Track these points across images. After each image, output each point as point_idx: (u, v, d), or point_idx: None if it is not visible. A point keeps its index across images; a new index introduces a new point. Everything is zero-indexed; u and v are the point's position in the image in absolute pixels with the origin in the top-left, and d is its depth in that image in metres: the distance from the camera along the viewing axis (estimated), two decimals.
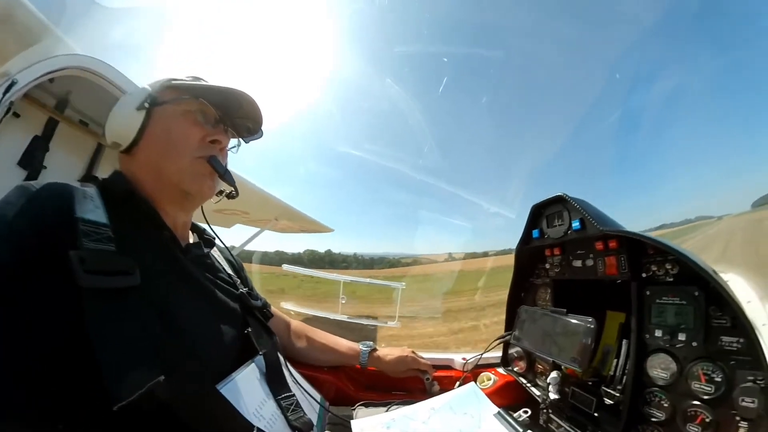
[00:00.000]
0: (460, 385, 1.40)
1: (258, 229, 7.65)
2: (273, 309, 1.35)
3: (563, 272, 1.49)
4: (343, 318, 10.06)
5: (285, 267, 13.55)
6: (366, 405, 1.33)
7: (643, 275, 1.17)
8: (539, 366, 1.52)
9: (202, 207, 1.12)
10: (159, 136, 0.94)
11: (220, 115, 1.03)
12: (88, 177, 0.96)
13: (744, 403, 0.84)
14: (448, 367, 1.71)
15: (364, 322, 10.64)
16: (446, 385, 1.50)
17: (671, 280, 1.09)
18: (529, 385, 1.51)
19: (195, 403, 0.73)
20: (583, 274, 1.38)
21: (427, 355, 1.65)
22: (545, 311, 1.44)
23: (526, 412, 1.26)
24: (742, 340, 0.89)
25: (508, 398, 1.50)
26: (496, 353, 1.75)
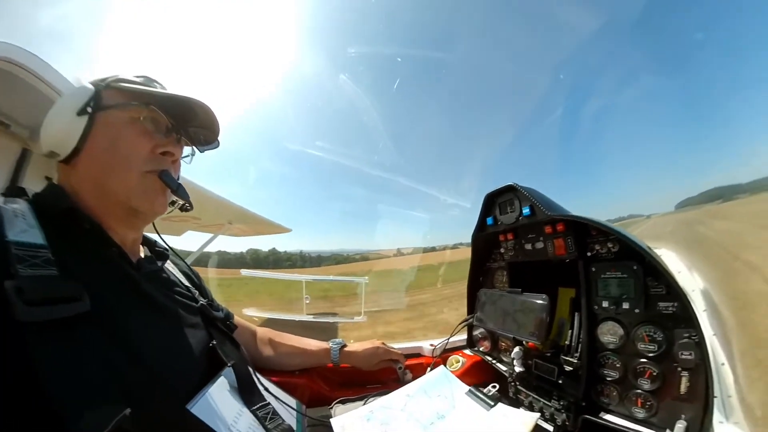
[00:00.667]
0: (431, 371, 1.46)
1: (211, 235, 7.26)
2: (236, 318, 1.31)
3: (517, 255, 1.59)
4: (309, 318, 9.87)
5: (244, 272, 12.98)
6: (343, 402, 1.36)
7: (588, 254, 1.29)
8: (502, 343, 1.63)
9: None
10: (103, 147, 0.84)
11: (173, 124, 0.94)
12: (13, 190, 0.83)
13: (683, 356, 0.97)
14: (418, 355, 1.77)
15: (331, 320, 10.47)
16: (418, 372, 1.56)
17: (613, 257, 1.22)
18: (495, 362, 1.61)
19: (168, 429, 0.70)
20: (535, 256, 1.49)
21: (396, 345, 1.71)
22: (503, 292, 1.55)
23: (494, 386, 1.35)
24: (676, 304, 1.03)
25: (477, 377, 1.59)
26: (462, 336, 1.85)
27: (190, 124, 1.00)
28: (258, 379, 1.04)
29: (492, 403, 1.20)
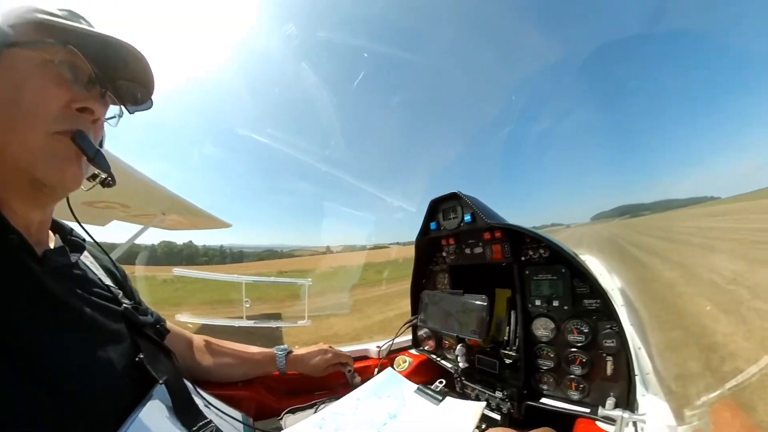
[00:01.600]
0: (379, 372, 1.51)
1: (141, 227, 6.25)
2: (168, 324, 1.15)
3: (458, 259, 1.70)
4: (250, 323, 9.00)
5: (176, 271, 11.72)
6: (293, 411, 1.34)
7: (523, 258, 1.44)
8: (446, 342, 1.73)
9: (67, 198, 0.85)
10: (1, 96, 0.64)
11: (98, 73, 0.75)
12: None
13: (607, 344, 1.16)
14: (365, 357, 1.80)
15: (273, 324, 9.74)
16: (366, 375, 1.59)
17: (544, 261, 1.38)
18: (440, 360, 1.70)
19: None
20: (474, 260, 1.60)
21: (343, 348, 1.71)
22: (445, 294, 1.64)
23: (441, 382, 1.47)
24: (599, 301, 1.21)
25: (424, 375, 1.67)
26: (407, 337, 1.91)
27: (119, 75, 0.81)
28: (196, 393, 0.94)
29: (440, 398, 1.27)
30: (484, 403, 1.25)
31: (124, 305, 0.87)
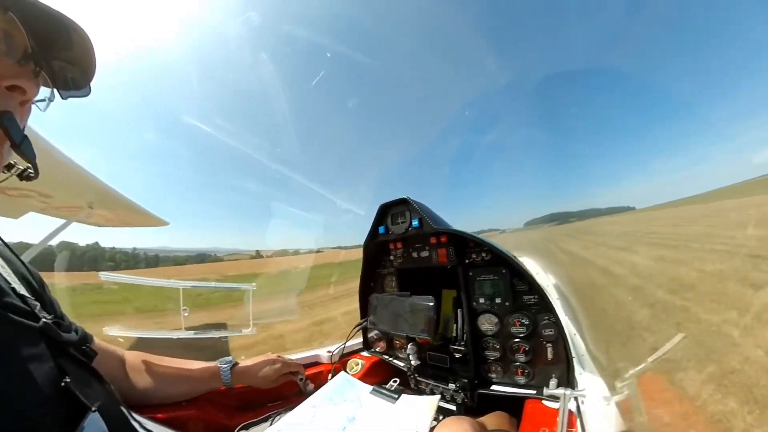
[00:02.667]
0: (332, 377, 1.51)
1: (63, 221, 5.21)
2: (97, 341, 1.03)
3: (405, 262, 1.77)
4: (190, 335, 7.96)
5: (103, 275, 9.41)
6: (246, 427, 1.29)
7: (467, 261, 1.55)
8: (397, 342, 1.79)
9: None
10: None
11: (35, 49, 0.67)
12: None
13: (546, 333, 1.32)
14: (317, 363, 1.78)
15: (215, 334, 8.64)
16: (319, 381, 1.57)
17: (486, 263, 1.51)
18: (392, 359, 1.76)
19: None
20: (421, 263, 1.68)
21: (293, 356, 1.69)
22: (393, 296, 1.69)
23: (396, 381, 1.52)
24: (536, 297, 1.37)
25: (378, 376, 1.72)
26: (358, 340, 1.93)
27: (58, 55, 0.72)
28: (135, 420, 0.84)
29: (396, 396, 1.32)
30: (438, 396, 1.34)
31: (43, 320, 0.73)
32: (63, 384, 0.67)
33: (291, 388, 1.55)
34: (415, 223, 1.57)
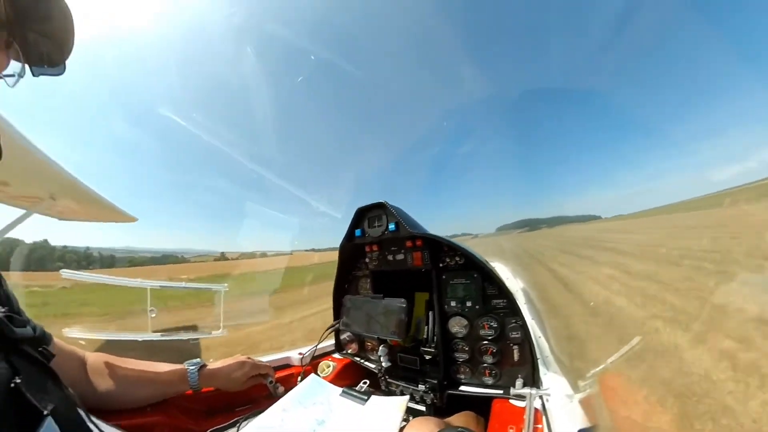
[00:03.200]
0: (302, 380, 1.49)
1: (22, 212, 4.83)
2: (57, 342, 0.99)
3: (380, 265, 1.78)
4: (156, 337, 7.48)
5: (65, 273, 9.54)
6: None
7: (440, 265, 1.59)
8: (368, 344, 1.81)
9: None
10: None
11: (10, 17, 0.62)
12: None
13: (513, 336, 1.37)
14: (287, 365, 1.76)
15: (183, 336, 8.12)
16: (289, 384, 1.55)
17: (459, 267, 1.55)
18: (363, 361, 1.77)
19: None
20: (396, 266, 1.71)
21: (263, 358, 1.67)
22: (366, 298, 1.69)
23: (365, 382, 1.52)
24: (505, 301, 1.42)
25: (349, 378, 1.72)
26: (330, 341, 1.93)
27: (34, 27, 0.67)
28: (93, 424, 0.79)
29: (366, 398, 1.32)
30: (407, 397, 1.34)
31: None
32: (13, 384, 0.62)
33: (260, 391, 1.52)
34: (391, 226, 1.59)
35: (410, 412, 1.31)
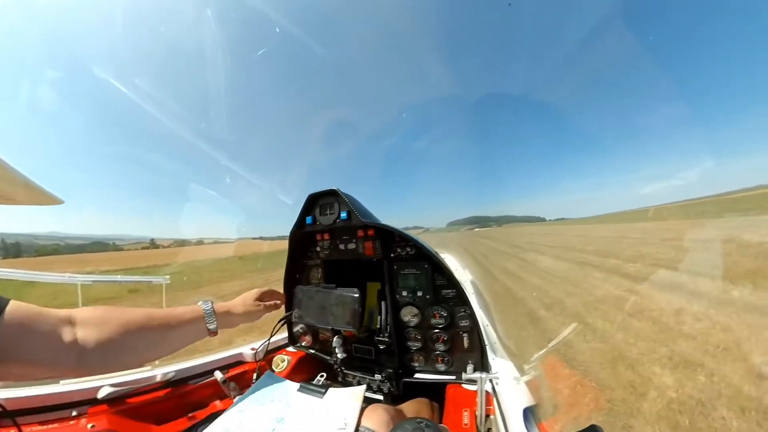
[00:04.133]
0: (257, 377, 1.47)
1: None
2: (16, 305, 0.79)
3: (332, 254, 1.76)
4: None
5: None
6: None
7: (392, 255, 1.61)
8: (323, 335, 1.80)
9: None
10: None
11: None
12: None
13: (462, 324, 1.44)
14: (240, 362, 1.72)
15: None
16: (244, 382, 1.53)
17: (410, 258, 1.58)
18: (319, 353, 1.77)
19: None
20: (347, 255, 1.69)
21: (214, 357, 1.63)
22: (318, 288, 1.66)
23: (323, 375, 1.52)
24: (454, 291, 1.48)
25: (306, 371, 1.73)
26: (283, 334, 1.90)
27: None
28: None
29: (323, 391, 1.31)
30: (364, 386, 1.35)
31: None
32: None
33: (214, 392, 1.49)
34: (343, 215, 1.57)
35: (367, 402, 1.34)
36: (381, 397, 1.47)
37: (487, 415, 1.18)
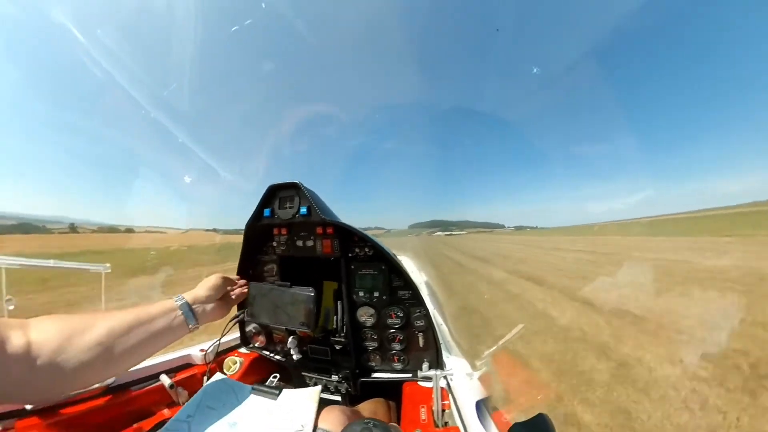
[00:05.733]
0: (208, 380, 1.35)
1: None
2: None
3: (288, 250, 1.69)
4: None
5: None
6: None
7: (350, 254, 1.60)
8: (277, 335, 1.75)
9: None
10: None
11: None
12: None
13: (417, 324, 1.48)
14: (189, 365, 1.63)
15: None
16: (193, 386, 1.45)
17: (368, 258, 1.58)
18: (272, 354, 1.72)
19: None
20: (305, 253, 1.65)
21: (160, 359, 1.53)
22: (273, 286, 1.59)
23: (276, 376, 1.45)
24: (410, 292, 1.51)
25: (258, 373, 1.68)
26: (234, 334, 1.83)
27: None
28: None
29: (277, 392, 1.26)
30: (319, 387, 1.30)
31: None
32: None
33: (161, 398, 1.39)
34: (303, 210, 1.51)
35: (325, 403, 1.32)
36: (339, 398, 1.47)
37: (444, 410, 1.22)
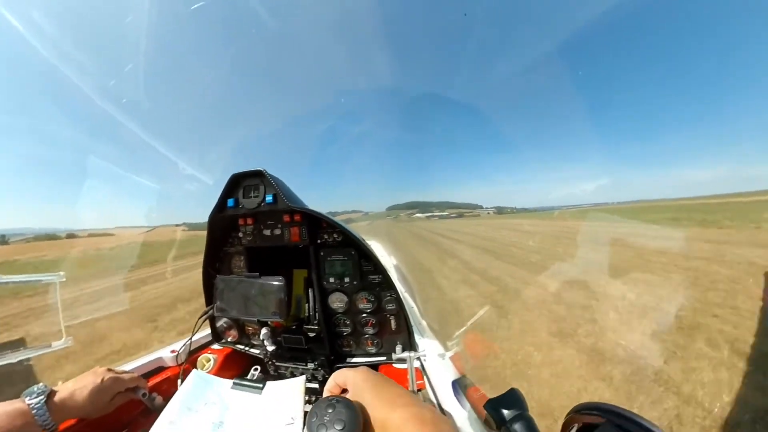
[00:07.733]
0: (183, 381, 1.27)
1: None
2: None
3: (255, 240, 1.64)
4: None
5: None
6: None
7: (319, 241, 1.58)
8: (249, 328, 1.72)
9: None
10: None
11: None
12: None
13: (389, 308, 1.50)
14: (161, 369, 1.56)
15: (8, 359, 6.06)
16: (168, 390, 1.36)
17: (337, 244, 1.56)
18: (247, 348, 1.70)
19: None
20: (272, 242, 1.60)
21: (129, 366, 1.45)
22: (241, 278, 1.57)
23: (256, 369, 1.47)
24: (380, 276, 1.51)
25: (236, 368, 1.65)
26: (205, 331, 1.79)
27: None
28: None
29: (261, 386, 1.22)
30: (304, 377, 1.26)
31: None
32: None
33: (134, 408, 1.29)
34: (269, 198, 1.46)
35: (306, 392, 1.30)
36: (317, 386, 1.45)
37: (419, 389, 1.24)
